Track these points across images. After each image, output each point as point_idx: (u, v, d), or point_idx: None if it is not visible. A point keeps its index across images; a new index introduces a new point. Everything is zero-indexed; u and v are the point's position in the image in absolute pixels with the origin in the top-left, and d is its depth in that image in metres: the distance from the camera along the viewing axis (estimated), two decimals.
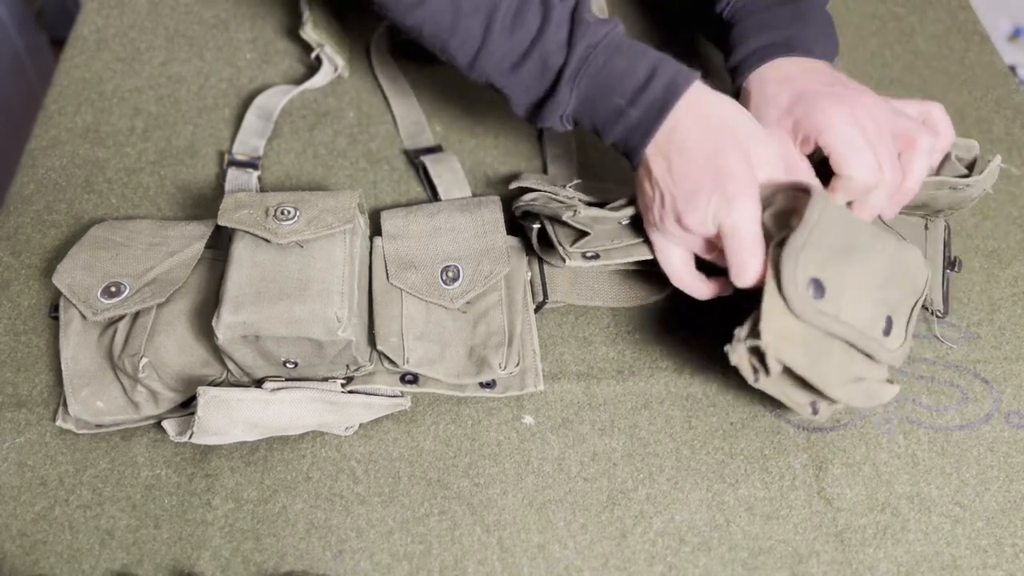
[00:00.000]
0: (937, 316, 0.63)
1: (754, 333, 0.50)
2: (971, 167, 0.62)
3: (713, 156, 0.52)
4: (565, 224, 0.59)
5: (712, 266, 0.57)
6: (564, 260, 0.59)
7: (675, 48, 0.82)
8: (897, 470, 0.57)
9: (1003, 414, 0.60)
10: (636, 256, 0.59)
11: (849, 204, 0.57)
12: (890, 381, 0.54)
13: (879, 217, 0.60)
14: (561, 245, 0.59)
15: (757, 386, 0.52)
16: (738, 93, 0.63)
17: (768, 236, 0.52)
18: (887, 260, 0.53)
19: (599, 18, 0.56)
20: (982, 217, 0.71)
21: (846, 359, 0.52)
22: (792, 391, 0.53)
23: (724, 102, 0.55)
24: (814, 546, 0.54)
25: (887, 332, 0.53)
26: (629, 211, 0.58)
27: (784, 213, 0.53)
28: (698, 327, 0.63)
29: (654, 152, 0.55)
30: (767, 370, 0.50)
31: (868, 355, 0.52)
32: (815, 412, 0.53)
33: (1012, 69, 0.86)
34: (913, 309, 0.54)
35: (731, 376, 0.61)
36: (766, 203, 0.53)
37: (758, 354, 0.50)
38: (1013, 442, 0.59)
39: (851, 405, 0.53)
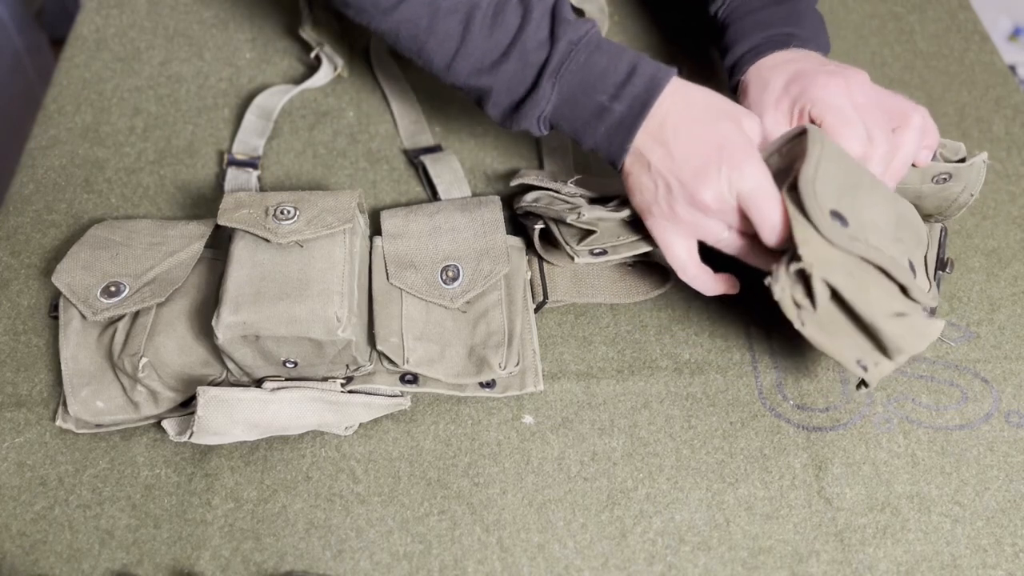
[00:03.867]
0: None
1: (795, 258, 0.49)
2: None
3: (711, 132, 0.53)
4: (570, 224, 0.60)
5: (716, 263, 0.57)
6: (572, 258, 0.60)
7: (676, 47, 0.82)
8: (897, 470, 0.57)
9: (1003, 413, 0.60)
10: (642, 249, 0.59)
11: None
12: (934, 313, 0.53)
13: None
14: (568, 244, 0.60)
15: (804, 331, 0.50)
16: (735, 90, 0.64)
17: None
18: (888, 202, 0.53)
19: (577, 17, 0.57)
20: (982, 217, 0.71)
21: (886, 292, 0.50)
22: (838, 341, 0.51)
23: (703, 89, 0.56)
24: (814, 546, 0.54)
25: (914, 276, 0.53)
26: (629, 210, 0.58)
27: (785, 169, 0.53)
28: (699, 326, 0.63)
29: (648, 143, 0.55)
30: (813, 303, 0.49)
31: (903, 289, 0.51)
32: (864, 369, 0.51)
33: (1012, 69, 0.86)
34: (926, 260, 0.55)
35: (731, 376, 0.61)
36: (767, 160, 0.54)
37: (803, 285, 0.49)
38: (1013, 441, 0.59)
39: (901, 346, 0.50)
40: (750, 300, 0.63)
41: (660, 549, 0.54)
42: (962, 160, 0.60)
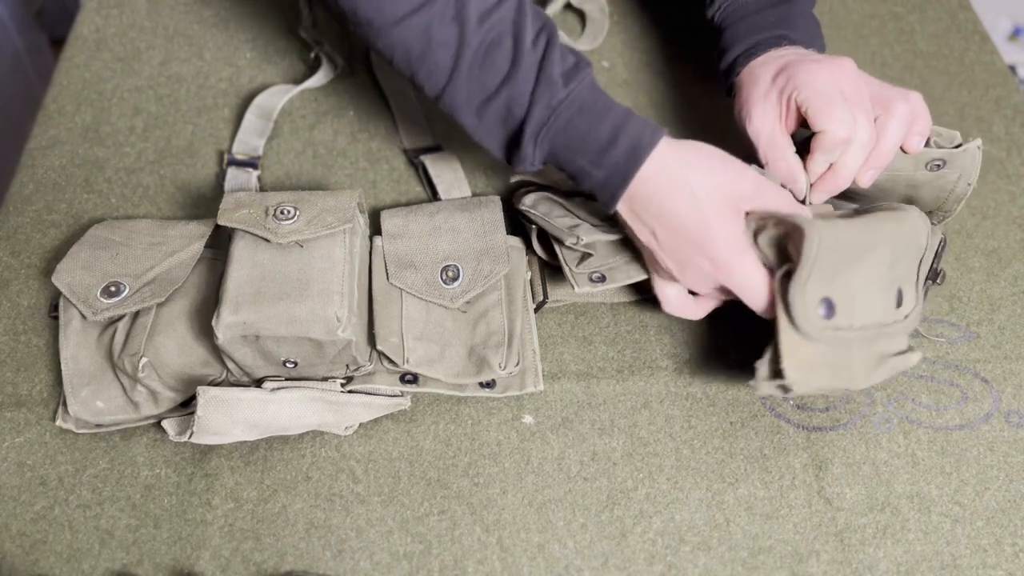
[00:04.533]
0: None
1: (776, 373, 0.51)
2: None
3: (697, 226, 0.53)
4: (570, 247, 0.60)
5: None
6: (573, 287, 0.59)
7: (676, 47, 0.82)
8: (897, 470, 0.57)
9: (1003, 413, 0.60)
10: (636, 277, 0.59)
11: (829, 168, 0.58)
12: (910, 348, 0.55)
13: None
14: (568, 267, 0.60)
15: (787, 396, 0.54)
16: (730, 93, 0.64)
17: (766, 261, 0.53)
18: (889, 245, 0.53)
19: (567, 68, 0.54)
20: (982, 217, 0.71)
21: (867, 351, 0.53)
22: (824, 388, 0.54)
23: (693, 154, 0.54)
24: (814, 546, 0.54)
25: (899, 304, 0.54)
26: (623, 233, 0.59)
27: (780, 239, 0.53)
28: (699, 326, 0.63)
29: (632, 217, 0.55)
30: (792, 391, 0.52)
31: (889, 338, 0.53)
32: (847, 391, 0.55)
33: (1012, 69, 0.86)
34: (920, 267, 0.55)
35: (731, 376, 0.61)
36: (759, 228, 0.54)
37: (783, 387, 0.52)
38: (1013, 441, 0.59)
39: (875, 383, 0.55)
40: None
41: (660, 549, 0.54)
42: (957, 147, 0.60)
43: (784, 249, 0.53)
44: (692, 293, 0.58)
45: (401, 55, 0.56)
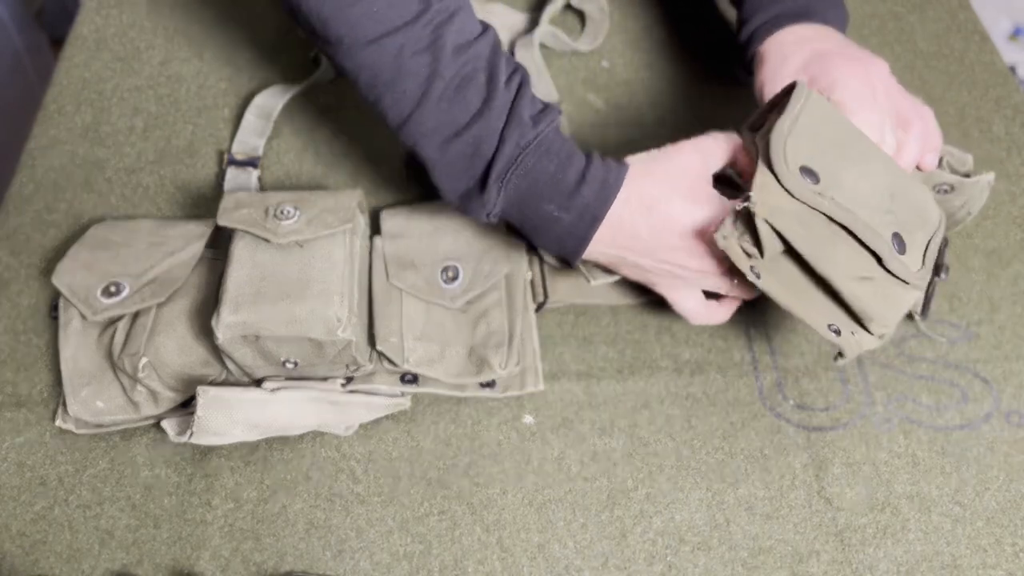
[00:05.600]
0: (915, 317, 0.63)
1: (745, 199, 0.48)
2: None
3: (691, 223, 0.53)
4: None
5: None
6: (588, 281, 0.60)
7: (676, 47, 0.82)
8: (897, 470, 0.57)
9: (1003, 413, 0.60)
10: None
11: None
12: (911, 286, 0.50)
13: None
14: (581, 264, 0.60)
15: (760, 284, 0.50)
16: (751, 61, 0.64)
17: (755, 146, 0.52)
18: (884, 171, 0.51)
19: (536, 111, 0.53)
20: (982, 217, 0.70)
21: (853, 255, 0.49)
22: (804, 301, 0.50)
23: (657, 175, 0.54)
24: (814, 546, 0.54)
25: (900, 250, 0.50)
26: None
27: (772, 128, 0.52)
28: (698, 327, 0.63)
29: (622, 251, 0.55)
30: (761, 251, 0.48)
31: (878, 258, 0.49)
32: (837, 333, 0.50)
33: (1012, 69, 0.86)
34: (929, 243, 0.52)
35: (731, 376, 0.61)
36: (757, 125, 0.53)
37: (751, 234, 0.48)
38: (1013, 441, 0.59)
39: (869, 311, 0.50)
40: (750, 301, 0.63)
41: (660, 549, 0.54)
42: (967, 175, 0.60)
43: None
44: (711, 297, 0.59)
45: (368, 78, 0.53)
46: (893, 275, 0.50)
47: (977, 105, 0.79)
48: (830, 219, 0.49)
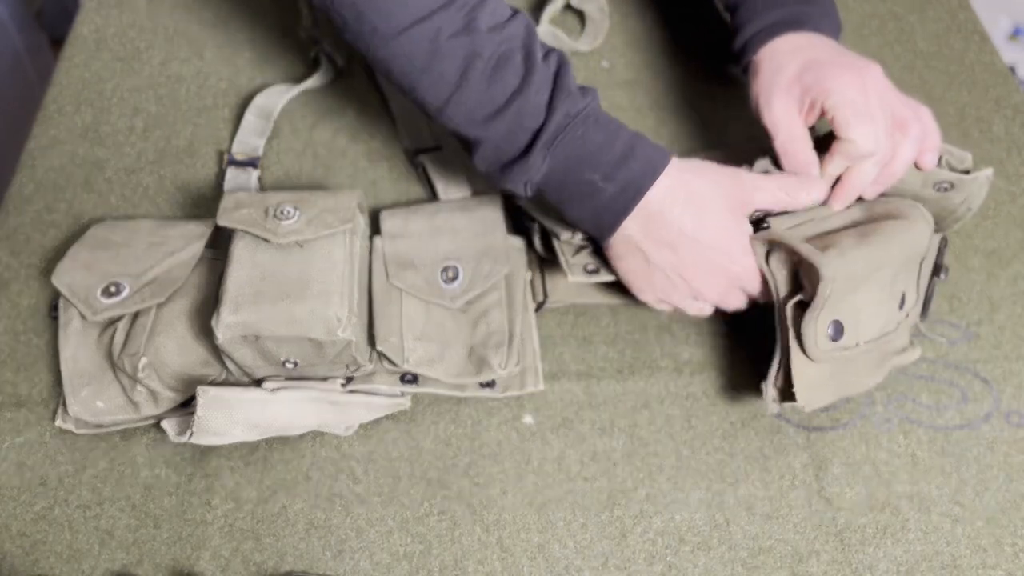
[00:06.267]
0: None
1: (786, 395, 0.53)
2: None
3: (720, 231, 0.54)
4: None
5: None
6: (568, 275, 0.60)
7: (676, 47, 0.82)
8: (897, 470, 0.57)
9: (1003, 413, 0.60)
10: None
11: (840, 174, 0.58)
12: (911, 344, 0.58)
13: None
14: (564, 257, 0.60)
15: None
16: (746, 70, 0.64)
17: (773, 282, 0.55)
18: (892, 260, 0.54)
19: (580, 87, 0.55)
20: (982, 217, 0.70)
21: (872, 357, 0.55)
22: (830, 401, 0.56)
23: (697, 168, 0.56)
24: (814, 546, 0.54)
25: (901, 306, 0.55)
26: None
27: (793, 264, 0.55)
28: (698, 327, 0.63)
29: (641, 234, 0.55)
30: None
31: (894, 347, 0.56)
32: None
33: (1012, 69, 0.86)
34: (921, 265, 0.57)
35: (731, 376, 0.61)
36: (770, 250, 0.55)
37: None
38: (1013, 441, 0.59)
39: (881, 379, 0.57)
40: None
41: (660, 549, 0.54)
42: (966, 172, 0.60)
43: (795, 274, 0.54)
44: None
45: (403, 65, 0.54)
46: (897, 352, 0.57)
47: (977, 105, 0.79)
48: (855, 360, 0.54)
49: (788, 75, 0.59)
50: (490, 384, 0.58)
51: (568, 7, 0.85)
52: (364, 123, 0.76)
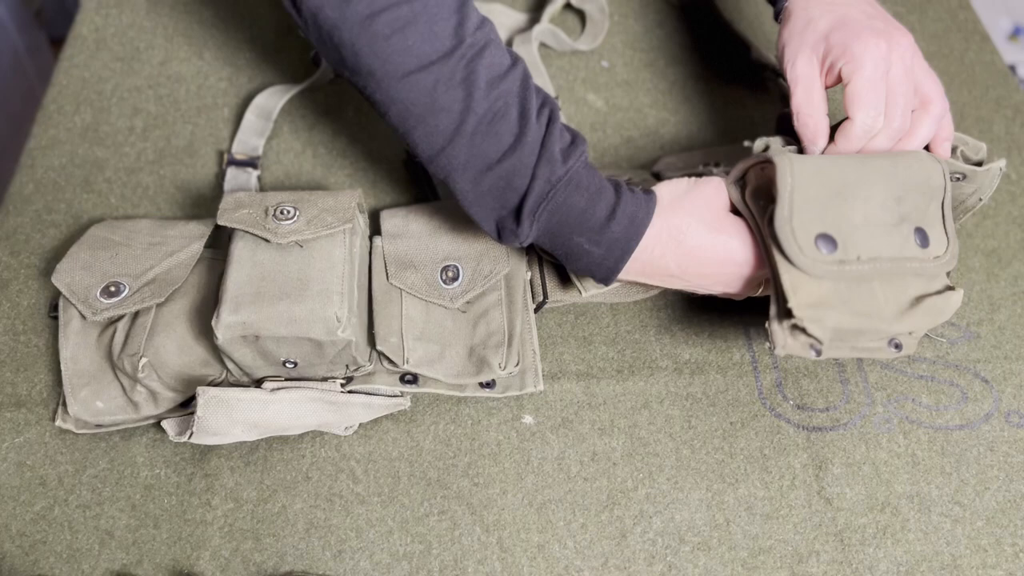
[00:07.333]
0: None
1: (785, 314, 0.49)
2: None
3: (715, 249, 0.54)
4: None
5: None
6: (580, 292, 0.61)
7: (676, 47, 0.82)
8: (897, 470, 0.57)
9: (1003, 413, 0.60)
10: None
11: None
12: (951, 288, 0.52)
13: None
14: (576, 278, 0.61)
15: (825, 357, 0.51)
16: (778, 15, 0.63)
17: (752, 213, 0.53)
18: (885, 179, 0.52)
19: (565, 145, 0.54)
20: (982, 217, 0.71)
21: (893, 289, 0.51)
22: (864, 344, 0.51)
23: (685, 216, 0.54)
24: (814, 546, 0.54)
25: (924, 244, 0.52)
26: None
27: (761, 188, 0.53)
28: (698, 327, 0.63)
29: (650, 276, 0.56)
30: (819, 340, 0.49)
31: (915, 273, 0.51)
32: (899, 348, 0.51)
33: (1012, 68, 0.86)
34: (944, 209, 0.54)
35: (731, 376, 0.61)
36: (744, 185, 0.54)
37: (801, 330, 0.50)
38: (1013, 441, 0.59)
39: (921, 327, 0.51)
40: (750, 300, 0.63)
41: (660, 549, 0.54)
42: (979, 163, 0.59)
43: (770, 198, 0.52)
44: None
45: (400, 111, 0.53)
46: (930, 290, 0.52)
47: (977, 105, 0.79)
48: (863, 278, 0.50)
49: (818, 31, 0.57)
50: (490, 384, 0.58)
51: (568, 7, 0.85)
52: (364, 123, 0.76)
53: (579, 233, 0.53)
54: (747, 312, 0.63)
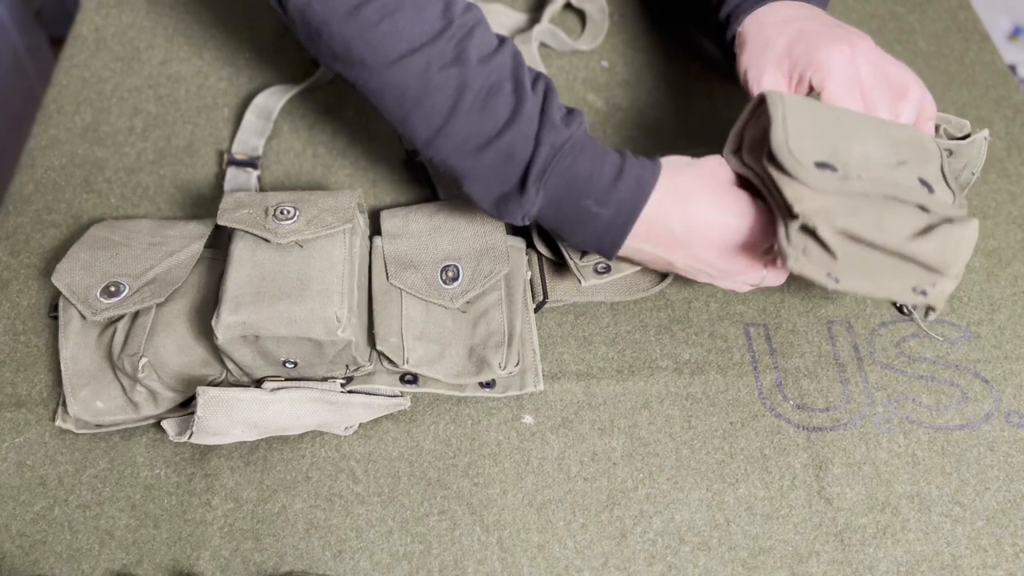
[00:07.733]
0: (904, 313, 0.64)
1: (793, 217, 0.49)
2: None
3: (725, 219, 0.53)
4: None
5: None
6: (580, 281, 0.61)
7: (676, 47, 0.82)
8: (897, 470, 0.57)
9: (1003, 413, 0.60)
10: (639, 265, 0.60)
11: None
12: (967, 218, 0.50)
13: None
14: (573, 261, 0.61)
15: (841, 287, 0.49)
16: (731, 43, 0.63)
17: (751, 169, 0.53)
18: (879, 129, 0.52)
19: (564, 114, 0.54)
20: (982, 217, 0.70)
21: (902, 216, 0.50)
22: (883, 280, 0.50)
23: (691, 181, 0.54)
24: (814, 546, 0.54)
25: (931, 191, 0.51)
26: None
27: (756, 141, 0.53)
28: (698, 327, 0.63)
29: (656, 248, 0.55)
30: (832, 254, 0.49)
31: (923, 208, 0.50)
32: (924, 294, 0.50)
33: (1012, 68, 0.86)
34: (944, 172, 0.53)
35: (731, 376, 0.61)
36: (737, 146, 0.54)
37: (815, 242, 0.49)
38: (1013, 441, 0.59)
39: (944, 259, 0.49)
40: (750, 300, 0.63)
41: (660, 549, 0.54)
42: (965, 137, 0.60)
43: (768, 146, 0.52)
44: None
45: (394, 96, 0.53)
46: (942, 218, 0.50)
47: (977, 105, 0.79)
48: (865, 195, 0.49)
49: (778, 49, 0.58)
50: (490, 384, 0.58)
51: (568, 7, 0.85)
52: (364, 123, 0.76)
53: (586, 196, 0.53)
54: (747, 312, 0.63)
